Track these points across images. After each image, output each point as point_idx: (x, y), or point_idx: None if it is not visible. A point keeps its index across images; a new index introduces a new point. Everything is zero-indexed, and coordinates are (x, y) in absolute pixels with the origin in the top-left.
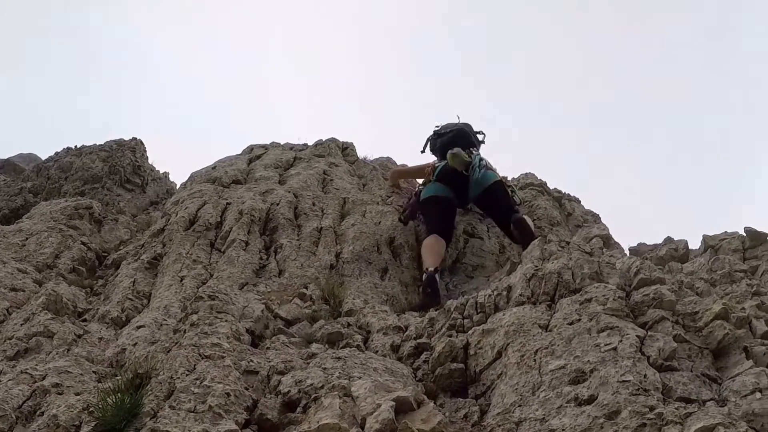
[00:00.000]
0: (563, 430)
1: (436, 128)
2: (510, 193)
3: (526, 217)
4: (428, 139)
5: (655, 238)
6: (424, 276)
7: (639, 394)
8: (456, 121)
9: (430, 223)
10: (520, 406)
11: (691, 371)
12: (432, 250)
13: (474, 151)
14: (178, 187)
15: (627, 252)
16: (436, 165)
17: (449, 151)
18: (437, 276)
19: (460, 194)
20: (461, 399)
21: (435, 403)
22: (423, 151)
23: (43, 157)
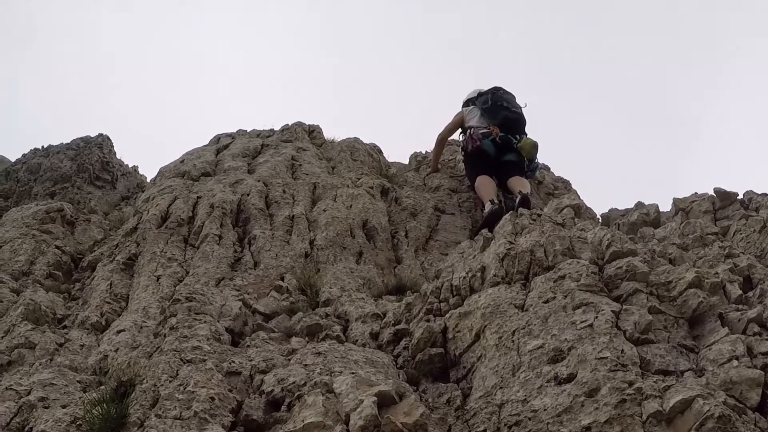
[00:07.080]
0: (545, 410)
1: (496, 90)
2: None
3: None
4: (481, 94)
5: (625, 200)
6: (487, 206)
7: (617, 370)
8: (511, 96)
9: (481, 170)
10: (501, 388)
11: (668, 342)
12: (488, 186)
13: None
14: (148, 180)
15: (599, 218)
16: (500, 133)
17: (532, 140)
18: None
19: (498, 154)
20: (443, 384)
21: (417, 389)
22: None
23: (11, 158)
